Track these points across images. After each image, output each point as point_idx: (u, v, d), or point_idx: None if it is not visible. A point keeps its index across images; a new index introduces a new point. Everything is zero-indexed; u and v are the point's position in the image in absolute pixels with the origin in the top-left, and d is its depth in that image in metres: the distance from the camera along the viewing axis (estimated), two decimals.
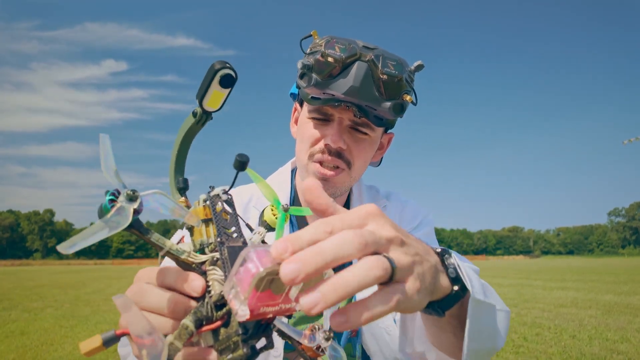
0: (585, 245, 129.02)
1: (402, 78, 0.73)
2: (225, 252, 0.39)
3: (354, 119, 0.80)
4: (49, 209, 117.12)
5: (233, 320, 0.37)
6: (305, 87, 0.76)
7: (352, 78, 0.72)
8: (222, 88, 0.42)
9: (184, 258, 0.40)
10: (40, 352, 4.75)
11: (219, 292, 0.38)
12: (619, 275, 17.98)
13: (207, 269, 0.40)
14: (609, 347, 4.78)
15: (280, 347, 0.86)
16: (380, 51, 0.74)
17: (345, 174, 0.84)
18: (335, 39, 0.75)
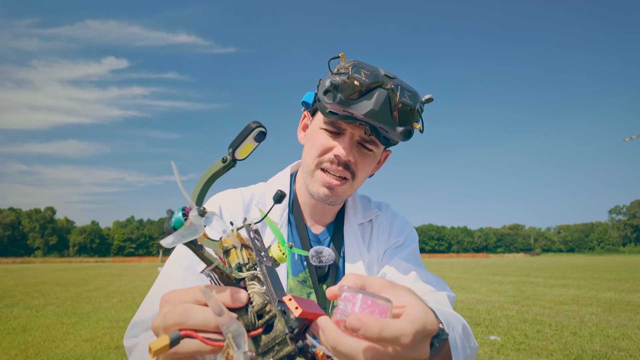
0: (586, 243, 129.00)
1: (415, 108, 0.83)
2: (263, 269, 0.48)
3: (363, 135, 0.89)
4: (50, 207, 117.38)
5: (276, 325, 0.44)
6: (329, 103, 0.84)
7: (373, 102, 0.80)
8: (255, 142, 0.50)
9: (228, 273, 0.47)
10: (42, 348, 4.77)
11: (260, 302, 0.45)
12: (620, 272, 17.98)
13: (248, 283, 0.47)
14: (610, 344, 4.78)
15: None
16: (399, 81, 0.84)
17: (349, 185, 0.93)
18: (361, 64, 0.83)
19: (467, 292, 10.26)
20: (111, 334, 5.48)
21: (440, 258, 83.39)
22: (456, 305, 7.80)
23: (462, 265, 30.36)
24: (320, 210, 1.02)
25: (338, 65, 0.86)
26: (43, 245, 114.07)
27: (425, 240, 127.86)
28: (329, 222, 1.04)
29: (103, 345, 4.89)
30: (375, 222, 1.07)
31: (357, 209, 1.07)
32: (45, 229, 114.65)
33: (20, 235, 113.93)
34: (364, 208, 1.08)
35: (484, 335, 5.20)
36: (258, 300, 0.46)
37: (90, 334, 5.47)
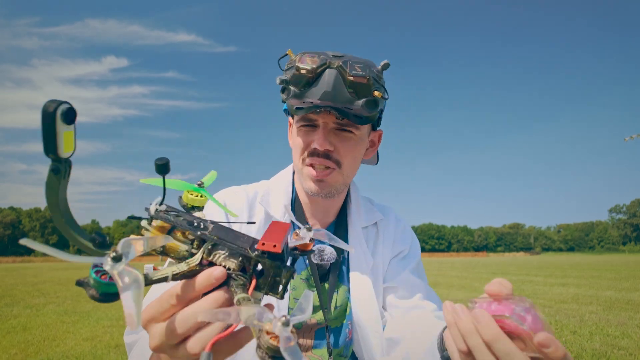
0: (586, 242, 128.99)
1: (369, 78, 0.80)
2: (210, 233, 0.44)
3: (337, 121, 0.87)
4: None
5: (263, 264, 0.43)
6: (286, 99, 0.84)
7: (324, 84, 0.79)
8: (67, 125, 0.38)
9: (188, 269, 0.43)
10: (42, 347, 4.77)
11: (234, 262, 0.43)
12: (620, 271, 17.98)
13: (209, 258, 0.44)
14: (610, 342, 4.78)
15: None
16: (348, 57, 0.82)
17: (337, 173, 0.91)
18: (307, 53, 0.83)
19: (467, 291, 10.26)
20: (111, 332, 5.49)
21: (440, 257, 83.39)
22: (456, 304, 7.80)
23: (462, 264, 30.36)
24: (321, 209, 1.01)
25: (288, 61, 0.86)
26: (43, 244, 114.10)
27: (425, 239, 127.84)
28: (331, 221, 1.04)
29: (103, 344, 4.89)
30: (380, 226, 1.07)
31: (360, 211, 1.06)
32: (46, 228, 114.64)
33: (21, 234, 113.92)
34: (367, 211, 1.08)
35: None
36: (232, 263, 0.44)
37: (91, 333, 5.47)
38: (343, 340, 0.96)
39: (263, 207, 0.98)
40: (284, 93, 0.84)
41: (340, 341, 0.95)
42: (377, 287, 0.99)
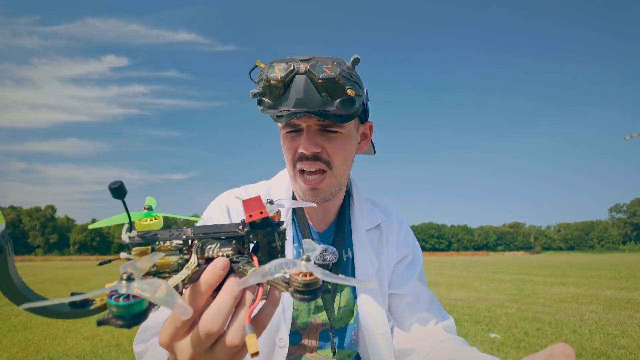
0: (586, 241, 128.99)
1: (339, 77, 0.78)
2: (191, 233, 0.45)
3: (319, 122, 0.86)
4: (51, 205, 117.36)
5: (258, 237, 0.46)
6: (263, 111, 0.84)
7: (295, 91, 0.78)
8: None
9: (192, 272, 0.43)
10: (43, 346, 4.78)
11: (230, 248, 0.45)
12: (620, 270, 17.98)
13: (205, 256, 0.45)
14: (610, 341, 4.78)
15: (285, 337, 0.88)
16: (316, 59, 0.79)
17: (330, 176, 0.90)
18: (275, 62, 0.81)
19: (467, 290, 10.26)
20: (112, 332, 5.49)
21: (440, 256, 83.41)
22: (456, 303, 7.81)
23: (462, 264, 30.37)
24: (321, 209, 1.01)
25: (259, 72, 0.84)
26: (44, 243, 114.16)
27: (426, 238, 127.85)
28: (332, 221, 1.04)
29: (103, 343, 4.90)
30: (383, 228, 1.07)
31: (363, 213, 1.05)
32: (46, 227, 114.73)
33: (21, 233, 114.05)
34: (369, 212, 1.07)
35: (484, 333, 5.20)
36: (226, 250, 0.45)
37: (91, 332, 5.48)
38: (348, 341, 0.96)
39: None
40: (260, 105, 0.84)
41: (345, 342, 0.95)
42: (383, 289, 0.99)
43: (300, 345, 0.91)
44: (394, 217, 1.12)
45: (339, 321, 0.95)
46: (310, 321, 0.92)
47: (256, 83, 0.84)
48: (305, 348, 0.92)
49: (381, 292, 0.98)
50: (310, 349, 0.92)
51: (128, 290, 0.35)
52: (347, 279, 0.40)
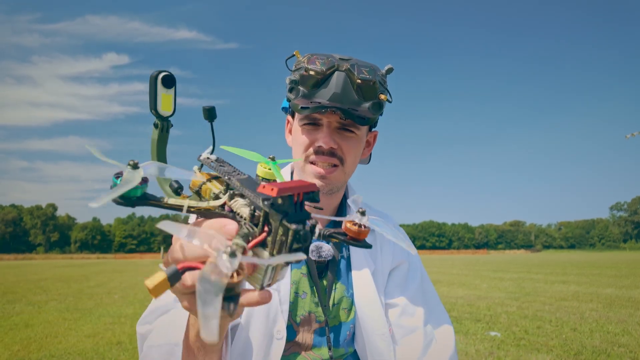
0: (587, 240, 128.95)
1: (375, 81, 0.84)
2: (236, 182, 0.46)
3: (340, 121, 0.91)
4: (52, 204, 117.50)
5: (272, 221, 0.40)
6: (294, 99, 0.87)
7: (333, 86, 0.83)
8: (167, 89, 0.48)
9: (206, 206, 0.45)
10: (44, 344, 4.79)
11: (247, 212, 0.43)
12: (621, 269, 17.99)
13: (230, 203, 0.45)
14: (610, 339, 4.79)
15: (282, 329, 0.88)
16: (355, 60, 0.86)
17: (340, 170, 0.94)
18: (315, 55, 0.86)
19: (468, 289, 10.28)
20: (113, 329, 5.51)
21: (441, 254, 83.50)
22: (457, 302, 7.82)
23: (462, 262, 30.39)
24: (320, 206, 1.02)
25: (295, 62, 0.90)
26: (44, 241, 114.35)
27: (426, 236, 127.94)
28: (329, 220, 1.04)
29: (105, 340, 4.91)
30: (378, 233, 1.07)
31: None
32: (47, 225, 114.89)
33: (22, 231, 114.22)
34: None
35: (485, 331, 5.21)
36: (245, 211, 0.43)
37: (92, 330, 5.50)
38: (343, 340, 0.97)
39: None
40: (291, 92, 0.87)
41: (340, 341, 0.96)
42: (379, 291, 1.00)
43: (295, 343, 0.92)
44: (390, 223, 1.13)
45: (333, 319, 0.96)
46: (305, 315, 0.93)
47: (291, 71, 0.88)
48: (300, 346, 0.92)
49: (378, 294, 0.99)
50: (305, 347, 0.93)
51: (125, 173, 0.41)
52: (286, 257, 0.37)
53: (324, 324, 0.93)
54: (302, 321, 0.93)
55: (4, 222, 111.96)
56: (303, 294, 0.94)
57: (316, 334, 0.94)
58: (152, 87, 0.47)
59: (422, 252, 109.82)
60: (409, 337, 0.98)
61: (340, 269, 1.00)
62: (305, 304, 0.94)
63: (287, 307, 0.90)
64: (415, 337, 0.98)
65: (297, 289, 0.94)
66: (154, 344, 0.75)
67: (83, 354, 4.36)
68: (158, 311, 0.82)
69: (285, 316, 0.89)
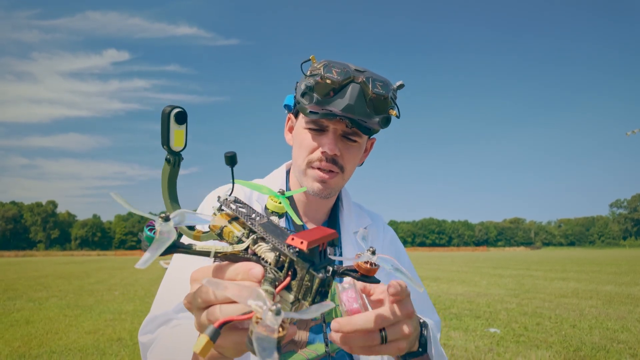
0: (587, 237, 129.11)
1: (388, 96, 0.86)
2: (259, 228, 0.47)
3: (346, 129, 0.93)
4: (52, 201, 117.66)
5: (298, 267, 0.43)
6: (307, 105, 0.88)
7: (348, 97, 0.84)
8: (179, 125, 0.48)
9: (232, 251, 0.48)
10: (45, 340, 4.81)
11: (273, 257, 0.45)
12: (620, 266, 18.02)
13: (253, 248, 0.48)
14: (610, 336, 4.80)
15: None
16: (370, 74, 0.87)
17: (339, 177, 0.97)
18: (332, 63, 0.87)
19: (468, 285, 10.30)
20: (113, 326, 5.52)
21: (440, 252, 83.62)
22: (456, 298, 7.84)
23: (462, 259, 30.43)
24: (314, 207, 1.04)
25: (310, 67, 0.90)
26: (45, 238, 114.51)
27: (426, 234, 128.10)
28: (323, 220, 1.07)
29: (105, 337, 4.93)
30: (369, 232, 1.09)
31: (352, 215, 1.10)
32: (47, 222, 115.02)
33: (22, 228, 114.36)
34: (357, 215, 1.12)
35: (484, 328, 5.23)
36: (270, 256, 0.46)
37: (93, 326, 5.51)
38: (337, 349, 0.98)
39: (260, 205, 1.01)
40: (304, 97, 0.88)
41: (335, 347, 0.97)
42: None
43: (291, 340, 0.93)
44: (380, 223, 1.16)
45: (328, 316, 0.97)
46: None
47: (306, 76, 0.89)
48: (296, 343, 0.93)
49: None
50: (301, 344, 0.93)
51: (157, 226, 0.44)
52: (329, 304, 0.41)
53: (320, 321, 0.94)
54: (298, 320, 0.94)
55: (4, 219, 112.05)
56: None
57: (312, 331, 0.95)
58: (165, 123, 0.47)
59: (422, 249, 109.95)
60: None
61: None
62: None
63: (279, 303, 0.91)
64: None
65: None
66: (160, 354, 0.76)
67: (83, 350, 4.37)
68: (158, 320, 0.82)
69: None
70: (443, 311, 6.47)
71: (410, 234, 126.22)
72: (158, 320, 0.82)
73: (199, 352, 0.39)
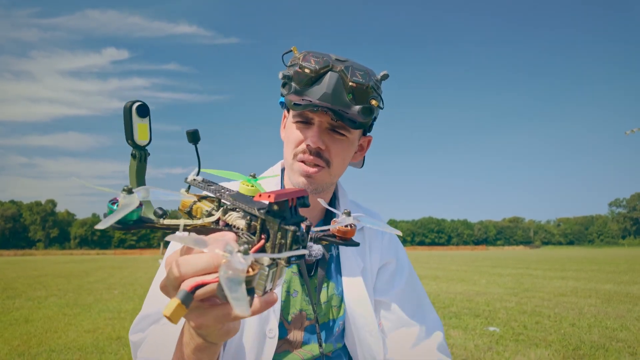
0: (586, 236, 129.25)
1: (368, 85, 0.83)
2: (228, 199, 0.47)
3: (331, 122, 0.90)
4: (51, 200, 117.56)
5: (270, 228, 0.43)
6: (286, 95, 0.87)
7: (325, 85, 0.82)
8: (141, 119, 0.49)
9: (202, 224, 0.47)
10: (44, 339, 4.80)
11: (244, 223, 0.45)
12: (619, 265, 18.04)
13: (224, 218, 0.47)
14: (609, 335, 4.81)
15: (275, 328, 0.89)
16: (350, 63, 0.85)
17: (325, 172, 0.93)
18: (311, 53, 0.85)
19: (467, 284, 10.31)
20: (113, 325, 5.52)
21: (440, 250, 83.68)
22: (456, 297, 7.85)
23: (462, 258, 30.47)
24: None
25: (292, 58, 0.88)
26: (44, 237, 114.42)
27: (425, 233, 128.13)
28: (319, 218, 1.05)
29: (105, 336, 4.92)
30: (366, 232, 1.08)
31: None
32: (46, 221, 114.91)
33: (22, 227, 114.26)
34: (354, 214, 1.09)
35: (483, 327, 5.23)
36: (241, 223, 0.46)
37: (92, 325, 5.51)
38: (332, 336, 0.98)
39: None
40: (284, 88, 0.86)
41: (330, 337, 0.97)
42: (369, 289, 1.01)
43: (286, 341, 0.93)
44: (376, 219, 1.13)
45: (323, 316, 0.97)
46: (296, 313, 0.94)
47: (287, 67, 0.88)
48: (291, 343, 0.93)
49: (367, 291, 1.00)
50: (296, 344, 0.93)
51: (120, 199, 0.43)
52: None
53: (315, 321, 0.94)
54: (293, 319, 0.94)
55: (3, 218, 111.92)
56: (294, 293, 0.94)
57: (307, 332, 0.94)
58: (127, 118, 0.48)
59: (421, 248, 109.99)
60: (398, 331, 1.00)
61: (330, 268, 1.01)
62: (297, 303, 0.94)
63: (279, 306, 0.91)
64: (404, 331, 1.00)
65: (289, 287, 0.94)
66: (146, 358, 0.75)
67: (83, 348, 4.37)
68: (149, 319, 0.82)
69: (277, 315, 0.90)
70: (442, 310, 6.48)
71: (409, 233, 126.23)
72: (149, 318, 0.82)
73: (169, 315, 0.37)
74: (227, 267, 0.35)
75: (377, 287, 1.04)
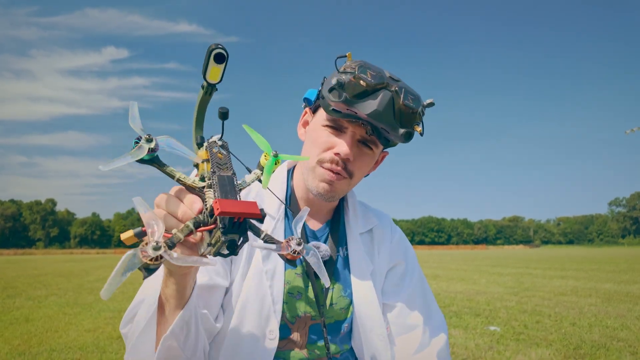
0: (586, 235, 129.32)
1: (417, 111, 0.84)
2: (215, 178, 0.52)
3: (364, 135, 0.89)
4: (51, 199, 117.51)
5: (218, 222, 0.48)
6: (333, 101, 0.84)
7: (377, 103, 0.81)
8: (216, 64, 0.55)
9: (189, 183, 0.55)
10: (44, 338, 4.80)
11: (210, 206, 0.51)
12: (619, 264, 18.05)
13: (205, 191, 0.54)
14: (609, 334, 4.81)
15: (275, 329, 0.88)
16: (403, 84, 0.85)
17: (346, 182, 0.93)
18: (367, 65, 0.84)
19: (467, 284, 10.31)
20: (113, 324, 5.52)
21: (440, 250, 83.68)
22: (456, 296, 7.85)
23: (461, 257, 30.48)
24: (316, 207, 1.01)
25: (344, 64, 0.86)
26: (44, 237, 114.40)
27: (425, 232, 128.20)
28: (326, 219, 1.04)
29: (105, 335, 4.92)
30: (375, 233, 1.07)
31: (358, 216, 1.07)
32: (46, 220, 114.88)
33: (22, 227, 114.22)
34: (363, 215, 1.08)
35: (484, 326, 5.23)
36: (209, 203, 0.51)
37: (93, 324, 5.51)
38: (338, 337, 0.97)
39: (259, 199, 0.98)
40: (331, 93, 0.84)
41: (335, 338, 0.96)
42: (377, 291, 1.01)
43: (290, 340, 0.92)
44: (387, 223, 1.12)
45: (329, 318, 0.96)
46: (300, 315, 0.93)
47: (339, 72, 0.85)
48: (295, 343, 0.92)
49: (377, 294, 0.99)
50: (300, 344, 0.92)
51: (140, 142, 0.51)
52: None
53: (320, 322, 0.93)
54: (297, 321, 0.93)
55: (3, 217, 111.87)
56: (298, 295, 0.93)
57: (311, 332, 0.93)
58: (206, 58, 0.55)
59: (421, 247, 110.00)
60: (407, 335, 0.99)
61: (337, 269, 0.99)
62: (301, 305, 0.93)
63: (279, 307, 0.90)
64: (413, 335, 0.99)
65: (292, 289, 0.93)
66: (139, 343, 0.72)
67: (83, 348, 4.37)
68: (135, 309, 0.80)
69: (278, 316, 0.89)
70: (443, 309, 6.47)
71: (409, 232, 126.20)
72: (135, 309, 0.79)
73: (123, 240, 0.50)
74: (141, 249, 0.43)
75: (386, 290, 1.03)
